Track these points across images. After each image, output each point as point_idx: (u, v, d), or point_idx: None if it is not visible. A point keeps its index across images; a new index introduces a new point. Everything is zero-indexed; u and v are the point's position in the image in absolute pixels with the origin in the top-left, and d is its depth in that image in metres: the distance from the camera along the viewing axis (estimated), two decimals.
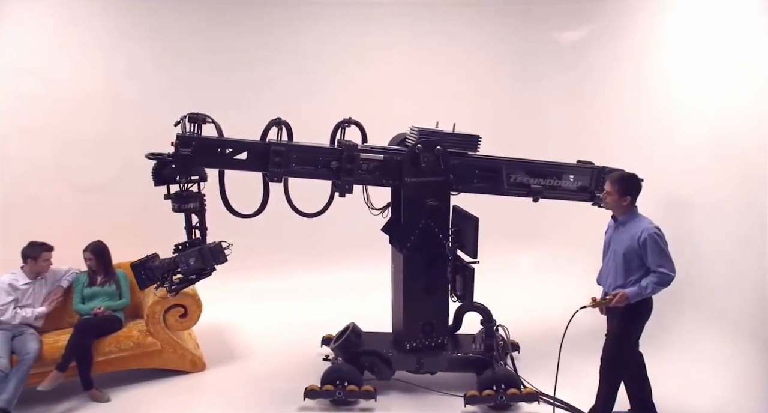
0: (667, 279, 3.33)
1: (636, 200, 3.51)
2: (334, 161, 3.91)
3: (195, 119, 3.66)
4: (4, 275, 4.37)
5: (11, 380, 3.83)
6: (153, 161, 3.66)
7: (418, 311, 4.15)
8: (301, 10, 6.42)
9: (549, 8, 6.68)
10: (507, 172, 4.20)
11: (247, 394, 4.34)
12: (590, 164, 4.59)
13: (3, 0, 5.50)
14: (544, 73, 6.86)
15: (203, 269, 3.74)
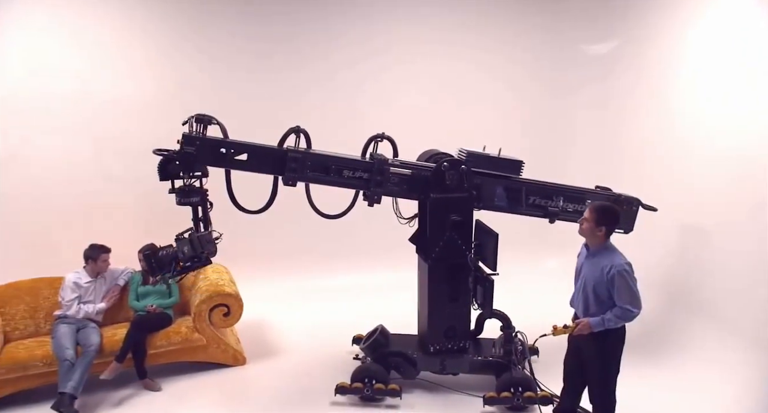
0: (629, 316, 3.35)
1: (611, 232, 3.50)
2: (365, 172, 4.20)
3: (201, 119, 3.93)
4: (69, 274, 4.82)
5: (77, 369, 4.26)
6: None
7: (441, 316, 4.44)
8: (335, 26, 6.74)
9: (577, 21, 6.83)
10: (526, 193, 4.44)
11: (283, 388, 4.71)
12: (608, 190, 4.81)
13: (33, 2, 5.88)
14: (571, 85, 7.02)
15: (196, 256, 3.97)
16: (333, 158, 4.20)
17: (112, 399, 4.48)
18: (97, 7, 6.00)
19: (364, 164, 4.26)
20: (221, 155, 4.00)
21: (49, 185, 5.99)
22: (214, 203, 4.20)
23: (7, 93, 5.81)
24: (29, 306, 4.89)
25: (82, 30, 6.01)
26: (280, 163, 4.07)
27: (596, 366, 3.55)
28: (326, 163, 4.17)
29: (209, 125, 3.97)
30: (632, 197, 4.85)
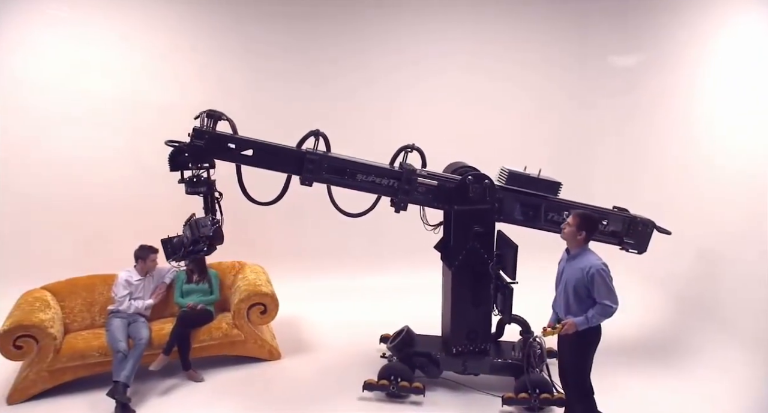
0: (610, 311, 3.65)
1: (590, 238, 3.81)
2: (393, 180, 4.46)
3: (212, 115, 4.19)
4: (121, 272, 5.24)
5: (129, 360, 4.66)
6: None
7: (464, 320, 4.70)
8: (370, 40, 7.08)
9: (605, 33, 6.94)
10: (545, 210, 4.65)
11: (315, 382, 5.05)
12: (625, 211, 4.99)
13: (94, 9, 6.34)
14: (597, 98, 7.14)
15: (196, 240, 4.24)
16: (352, 163, 4.44)
17: (160, 388, 4.89)
18: (147, 15, 6.45)
19: (392, 172, 4.51)
20: (229, 150, 4.25)
21: (102, 188, 6.48)
22: (248, 205, 4.48)
23: (59, 97, 6.29)
24: (86, 301, 5.34)
25: (132, 35, 6.48)
26: (297, 163, 4.33)
27: (571, 351, 3.86)
28: (342, 166, 4.42)
29: (219, 120, 4.23)
30: (647, 220, 5.02)
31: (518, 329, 4.77)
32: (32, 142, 6.37)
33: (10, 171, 6.35)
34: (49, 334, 4.67)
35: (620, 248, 4.99)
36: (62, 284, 5.37)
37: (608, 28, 6.99)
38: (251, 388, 4.98)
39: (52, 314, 4.94)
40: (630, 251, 4.98)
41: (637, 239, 4.95)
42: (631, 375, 4.99)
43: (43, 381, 4.72)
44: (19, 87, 6.30)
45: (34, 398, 4.71)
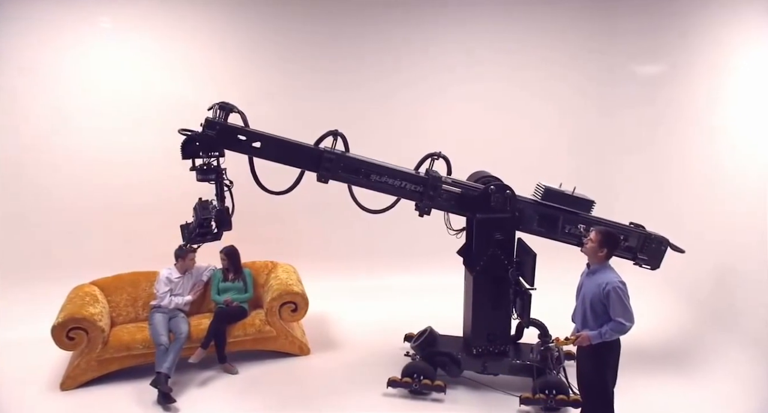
0: (623, 329, 3.73)
1: (611, 255, 3.89)
2: (417, 185, 4.67)
3: (224, 107, 4.40)
4: (163, 270, 5.59)
5: (170, 353, 4.99)
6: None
7: (484, 322, 4.91)
8: (397, 49, 7.31)
9: (629, 41, 7.00)
10: (563, 222, 4.83)
11: (341, 377, 5.32)
12: (641, 227, 5.11)
13: (143, 20, 6.72)
14: (620, 106, 7.21)
15: (200, 222, 4.47)
16: (369, 164, 4.64)
17: (198, 379, 5.24)
18: (186, 22, 6.81)
19: (418, 178, 4.73)
20: (239, 141, 4.45)
21: (144, 189, 6.86)
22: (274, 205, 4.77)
23: (104, 101, 6.70)
24: (130, 296, 5.71)
25: (171, 41, 6.86)
26: (313, 160, 4.56)
27: (589, 362, 3.97)
28: (357, 166, 4.63)
29: (231, 112, 4.45)
30: (662, 237, 5.13)
31: (537, 332, 4.97)
32: (80, 144, 6.78)
33: (62, 172, 6.79)
34: (98, 327, 5.05)
35: (634, 263, 5.11)
36: (109, 280, 5.76)
37: (632, 37, 7.03)
38: (282, 381, 5.28)
39: (101, 308, 5.32)
40: (643, 266, 5.11)
41: (650, 255, 5.06)
42: (647, 379, 5.13)
43: (93, 370, 5.11)
44: (66, 91, 6.70)
45: (84, 385, 5.09)
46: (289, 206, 7.26)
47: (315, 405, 4.88)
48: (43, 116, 6.72)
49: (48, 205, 6.80)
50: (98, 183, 6.84)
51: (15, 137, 6.69)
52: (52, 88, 6.66)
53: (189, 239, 4.68)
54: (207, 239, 4.65)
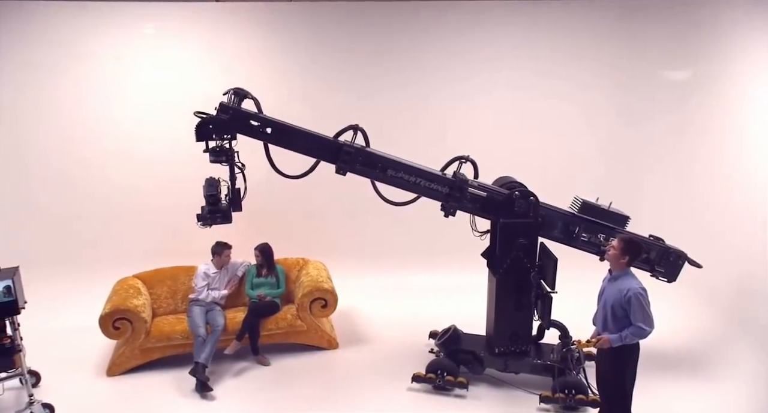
0: (643, 333, 3.85)
1: (632, 262, 4.00)
2: (444, 186, 4.84)
3: (238, 93, 4.58)
4: (201, 265, 5.90)
5: (208, 344, 5.28)
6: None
7: (506, 323, 5.07)
8: (427, 56, 7.49)
9: (660, 47, 7.02)
10: (583, 231, 4.96)
11: (368, 371, 5.55)
12: (660, 240, 5.19)
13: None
14: (649, 113, 7.22)
15: (207, 198, 4.64)
16: (388, 160, 4.80)
17: (233, 370, 5.53)
18: (226, 28, 7.13)
19: (444, 179, 4.89)
20: (251, 126, 4.63)
21: (184, 187, 7.16)
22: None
23: (148, 101, 7.04)
24: (170, 289, 6.04)
25: (213, 45, 7.15)
26: (331, 152, 4.74)
27: (609, 365, 4.11)
28: (375, 161, 4.79)
29: (245, 98, 4.64)
30: (680, 251, 5.20)
31: (558, 333, 5.11)
32: (127, 145, 7.17)
33: (107, 173, 7.20)
34: (141, 318, 5.38)
35: (651, 275, 5.19)
36: (150, 273, 6.09)
37: (662, 43, 7.05)
38: (311, 373, 5.53)
39: (143, 300, 5.66)
40: (660, 279, 5.19)
41: (668, 268, 5.15)
42: (666, 382, 5.22)
43: (136, 358, 5.45)
44: (113, 94, 7.08)
45: (128, 372, 5.44)
46: (320, 206, 7.59)
47: (342, 397, 5.11)
48: (92, 120, 7.14)
49: (95, 203, 7.26)
50: (142, 182, 7.25)
51: (66, 141, 7.17)
52: (100, 92, 7.05)
53: (200, 218, 4.78)
54: (217, 221, 4.78)
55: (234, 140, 4.67)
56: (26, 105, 7.20)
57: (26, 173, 7.37)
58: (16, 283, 4.60)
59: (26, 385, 4.68)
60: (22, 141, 7.30)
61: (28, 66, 7.10)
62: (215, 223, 4.82)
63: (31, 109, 7.22)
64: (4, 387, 4.71)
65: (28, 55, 7.06)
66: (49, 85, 7.16)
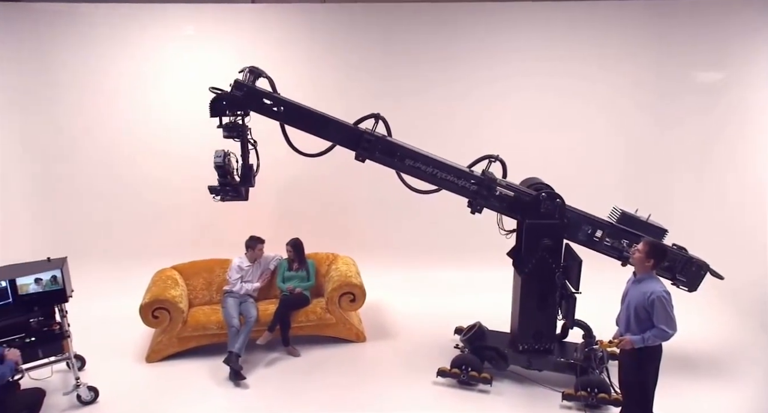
0: (665, 336, 3.91)
1: (657, 265, 4.05)
2: (472, 183, 4.93)
3: (253, 71, 4.68)
4: (235, 258, 6.13)
5: (241, 334, 5.49)
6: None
7: (531, 321, 5.16)
8: (460, 60, 7.60)
9: (690, 47, 6.95)
10: (606, 236, 5.00)
11: (394, 364, 5.70)
12: (683, 250, 5.19)
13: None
14: (679, 118, 7.18)
15: (216, 170, 4.69)
16: (405, 149, 4.87)
17: (265, 360, 5.75)
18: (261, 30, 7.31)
19: (473, 176, 4.98)
20: (264, 105, 4.72)
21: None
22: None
23: (186, 99, 7.29)
24: (206, 281, 6.29)
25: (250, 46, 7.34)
26: (350, 138, 4.84)
27: (631, 366, 4.17)
28: (394, 149, 4.89)
29: (260, 77, 4.73)
30: (703, 262, 5.19)
31: (582, 332, 5.19)
32: (168, 142, 7.45)
33: (149, 170, 7.55)
34: (178, 308, 5.63)
35: (671, 283, 5.19)
36: (187, 265, 6.35)
37: (690, 43, 6.97)
38: (339, 365, 5.71)
39: (181, 290, 5.91)
40: (680, 287, 5.18)
41: (689, 278, 5.15)
42: (689, 382, 5.26)
43: (173, 346, 5.71)
44: (152, 91, 7.36)
45: (165, 359, 5.70)
46: (351, 204, 7.77)
47: (369, 389, 5.27)
48: (135, 119, 7.46)
49: (138, 198, 7.64)
50: (179, 179, 7.54)
51: (111, 138, 7.55)
52: (142, 91, 7.37)
53: (212, 191, 4.85)
54: (229, 196, 4.87)
55: (247, 116, 4.77)
56: (73, 104, 7.55)
57: (75, 171, 7.75)
58: (64, 273, 4.90)
59: (73, 369, 4.98)
60: (69, 139, 7.67)
61: (76, 66, 7.43)
62: (227, 197, 4.92)
63: (78, 108, 7.57)
64: (53, 369, 5.00)
65: (74, 56, 7.39)
66: (95, 85, 7.49)
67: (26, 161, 7.61)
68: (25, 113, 7.45)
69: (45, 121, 7.54)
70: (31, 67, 7.34)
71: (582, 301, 4.89)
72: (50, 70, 7.39)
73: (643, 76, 7.37)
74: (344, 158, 5.05)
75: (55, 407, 4.88)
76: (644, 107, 7.46)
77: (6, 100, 7.32)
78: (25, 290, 4.74)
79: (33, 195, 7.71)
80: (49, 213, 7.74)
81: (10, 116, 7.40)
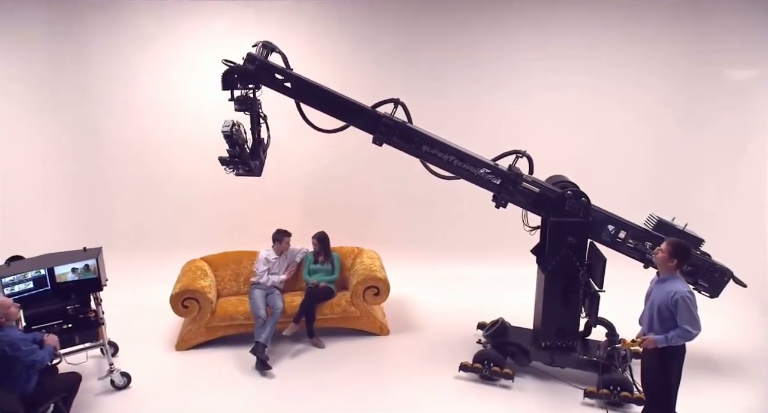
0: (689, 336, 3.89)
1: (681, 266, 4.02)
2: (498, 177, 4.94)
3: (266, 46, 4.69)
4: (262, 251, 6.25)
5: (268, 325, 5.61)
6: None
7: (553, 318, 5.17)
8: (482, 59, 7.60)
9: (721, 44, 6.83)
10: (630, 237, 4.98)
11: (416, 357, 5.78)
12: (707, 256, 5.14)
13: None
14: (707, 114, 7.08)
15: (225, 140, 4.64)
16: (422, 135, 4.89)
17: (290, 351, 5.88)
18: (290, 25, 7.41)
19: (499, 170, 4.98)
20: (275, 79, 4.71)
21: (247, 180, 7.55)
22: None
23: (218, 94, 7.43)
24: (234, 272, 6.44)
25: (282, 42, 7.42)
26: (367, 120, 4.86)
27: (656, 381, 4.17)
28: (411, 135, 4.90)
29: (272, 52, 4.75)
30: (726, 268, 5.12)
31: (605, 330, 5.19)
32: (201, 135, 7.59)
33: (180, 163, 7.74)
34: (207, 298, 5.79)
35: (693, 287, 5.10)
36: (216, 256, 6.51)
37: (722, 39, 6.84)
38: (363, 357, 5.81)
39: (209, 281, 6.07)
40: (702, 293, 5.12)
41: (711, 284, 5.09)
42: (712, 383, 5.23)
43: (202, 335, 5.88)
44: (184, 84, 7.53)
45: (194, 347, 5.87)
46: (376, 198, 7.86)
47: (391, 381, 5.35)
48: (167, 113, 7.63)
49: (168, 191, 7.84)
50: (210, 172, 7.65)
51: (145, 133, 7.76)
52: (173, 86, 7.53)
53: (223, 162, 4.85)
54: (241, 170, 4.88)
55: (258, 90, 4.77)
56: (106, 99, 7.75)
57: (109, 164, 7.96)
58: (99, 262, 5.08)
59: (107, 355, 5.18)
60: (103, 134, 7.88)
61: (108, 61, 7.60)
62: (240, 172, 4.94)
63: (110, 103, 7.77)
64: (88, 355, 5.21)
65: (106, 50, 7.57)
66: (128, 79, 7.68)
67: (65, 156, 7.83)
68: (60, 110, 7.66)
69: (79, 116, 7.74)
70: (64, 62, 7.54)
71: (605, 299, 4.89)
72: (83, 66, 7.58)
73: (671, 74, 7.26)
74: (370, 153, 5.12)
75: (91, 390, 5.07)
76: (672, 105, 7.36)
77: (42, 97, 7.53)
78: (63, 278, 4.94)
79: (70, 189, 7.93)
80: (85, 206, 7.97)
81: (47, 113, 7.62)
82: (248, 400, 5.08)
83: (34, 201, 7.46)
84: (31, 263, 4.99)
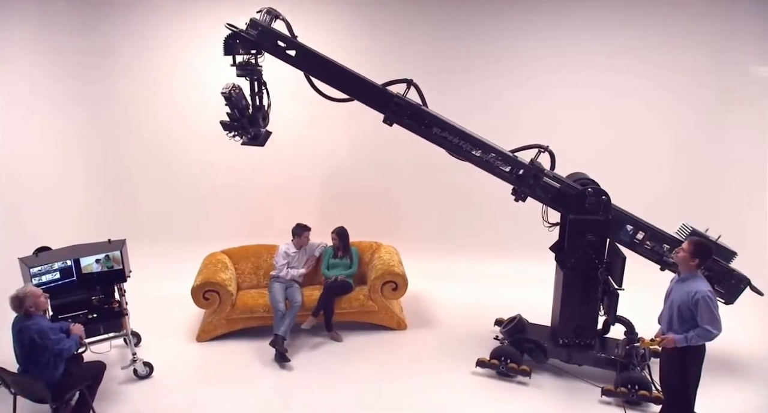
0: (709, 336, 3.88)
1: (702, 265, 3.99)
2: (518, 169, 4.91)
3: (270, 12, 4.64)
4: (281, 245, 6.32)
5: (287, 318, 5.69)
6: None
7: (571, 315, 5.15)
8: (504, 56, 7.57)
9: (747, 44, 6.70)
10: (648, 238, 4.94)
11: (434, 353, 5.80)
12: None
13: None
14: (734, 114, 6.98)
15: (228, 109, 4.62)
16: (433, 117, 4.83)
17: (309, 344, 5.95)
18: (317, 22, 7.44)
19: (520, 163, 4.94)
20: (277, 46, 4.65)
21: (268, 173, 7.70)
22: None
23: None
24: (254, 265, 6.53)
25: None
26: (376, 98, 4.80)
27: (675, 380, 4.15)
28: (421, 116, 4.84)
29: (276, 18, 4.70)
30: (743, 276, 5.05)
31: (623, 328, 5.16)
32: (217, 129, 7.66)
33: (202, 158, 7.86)
34: (228, 291, 5.88)
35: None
36: (236, 250, 6.60)
37: (756, 38, 6.72)
38: (380, 351, 5.85)
39: (230, 274, 6.16)
40: (717, 300, 5.04)
41: (727, 290, 5.03)
42: (731, 383, 5.18)
43: (222, 327, 5.97)
44: (205, 77, 7.59)
45: (214, 339, 5.97)
46: (395, 194, 7.88)
47: (408, 376, 5.39)
48: (190, 109, 7.72)
49: (190, 185, 7.96)
50: (230, 168, 7.82)
51: (169, 127, 7.89)
52: (195, 81, 7.62)
53: (225, 127, 4.82)
54: (245, 139, 4.85)
55: (260, 56, 4.72)
56: (130, 93, 7.84)
57: (135, 158, 8.07)
58: (123, 254, 5.20)
59: (130, 345, 5.30)
60: (132, 127, 7.97)
61: (132, 53, 7.69)
62: (243, 140, 4.89)
63: (134, 96, 7.86)
64: (112, 344, 5.33)
65: (131, 43, 7.65)
66: (150, 73, 7.76)
67: (92, 150, 7.95)
68: (87, 102, 7.78)
69: (106, 109, 7.85)
70: (92, 55, 7.64)
71: (624, 298, 4.87)
72: (110, 58, 7.67)
73: (697, 73, 7.14)
74: (390, 149, 5.13)
75: (114, 379, 5.19)
76: (696, 106, 7.24)
77: (67, 91, 7.64)
78: (88, 269, 5.06)
79: (98, 182, 8.06)
80: (110, 198, 8.11)
81: (76, 106, 7.74)
82: (267, 391, 5.16)
83: (62, 193, 7.61)
84: (57, 254, 5.12)
